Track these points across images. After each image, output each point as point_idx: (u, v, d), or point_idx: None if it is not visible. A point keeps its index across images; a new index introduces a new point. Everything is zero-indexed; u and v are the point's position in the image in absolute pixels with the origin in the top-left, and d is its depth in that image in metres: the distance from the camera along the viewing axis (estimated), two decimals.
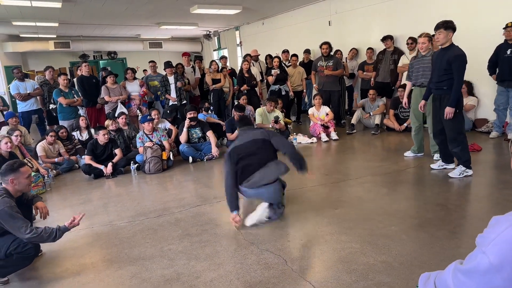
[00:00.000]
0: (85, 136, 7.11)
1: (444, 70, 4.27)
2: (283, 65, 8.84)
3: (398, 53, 7.75)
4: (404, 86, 6.34)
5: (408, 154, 5.54)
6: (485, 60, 6.28)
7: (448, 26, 4.22)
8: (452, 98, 4.24)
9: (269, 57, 9.44)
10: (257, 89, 8.86)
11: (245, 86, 8.38)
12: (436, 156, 5.16)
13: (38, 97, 7.94)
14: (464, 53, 4.23)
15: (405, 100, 5.62)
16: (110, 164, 5.72)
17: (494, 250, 1.04)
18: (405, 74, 6.28)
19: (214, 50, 15.81)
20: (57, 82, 7.75)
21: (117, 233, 3.63)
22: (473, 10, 6.72)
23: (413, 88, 5.36)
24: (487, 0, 6.50)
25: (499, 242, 1.04)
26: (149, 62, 8.71)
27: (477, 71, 6.68)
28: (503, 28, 5.88)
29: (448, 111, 4.26)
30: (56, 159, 6.29)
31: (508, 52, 5.88)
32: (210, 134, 6.48)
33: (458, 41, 6.57)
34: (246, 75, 8.47)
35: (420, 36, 5.06)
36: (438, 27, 4.27)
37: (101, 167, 5.72)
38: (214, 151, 6.31)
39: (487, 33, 6.48)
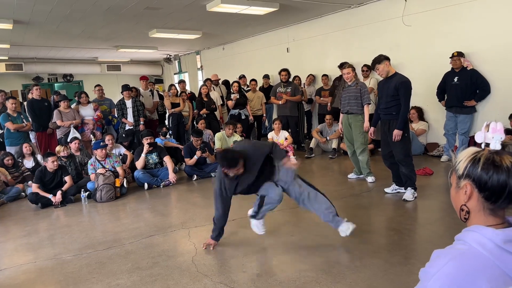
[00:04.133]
0: (30, 163, 6.71)
1: (392, 97, 4.47)
2: (242, 90, 8.89)
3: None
4: None
5: (351, 176, 5.79)
6: (435, 87, 6.57)
7: (380, 60, 4.46)
8: (399, 121, 4.45)
9: (227, 82, 9.51)
10: (217, 113, 8.84)
11: (204, 110, 8.33)
12: (370, 178, 5.47)
13: None
14: (408, 80, 4.47)
15: (340, 126, 5.82)
16: (59, 193, 5.43)
17: (435, 285, 1.02)
18: None
19: (174, 74, 15.70)
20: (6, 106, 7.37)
21: (62, 267, 3.39)
22: (423, 39, 7.06)
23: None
24: (436, 30, 6.84)
25: (441, 277, 1.03)
26: (95, 86, 8.45)
27: (427, 97, 6.99)
28: (450, 57, 6.19)
29: (396, 134, 4.45)
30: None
31: (455, 79, 6.18)
32: (167, 159, 6.32)
33: (409, 68, 6.96)
34: (205, 99, 8.43)
35: (344, 67, 5.23)
36: (373, 64, 4.53)
37: (49, 196, 5.41)
38: (172, 177, 6.15)
39: (436, 61, 6.80)
